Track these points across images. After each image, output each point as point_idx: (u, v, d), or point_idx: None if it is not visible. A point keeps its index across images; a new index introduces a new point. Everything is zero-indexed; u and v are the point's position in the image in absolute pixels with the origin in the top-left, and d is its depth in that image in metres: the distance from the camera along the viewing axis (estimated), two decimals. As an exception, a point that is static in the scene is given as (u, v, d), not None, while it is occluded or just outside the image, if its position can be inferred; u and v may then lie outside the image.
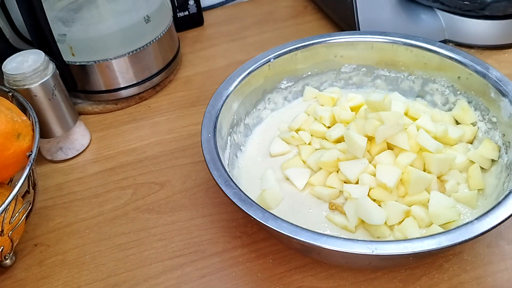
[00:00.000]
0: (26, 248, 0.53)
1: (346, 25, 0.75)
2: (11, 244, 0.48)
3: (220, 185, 0.44)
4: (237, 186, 0.44)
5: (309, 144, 0.56)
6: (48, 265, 0.51)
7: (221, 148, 0.50)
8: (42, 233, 0.54)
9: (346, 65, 0.62)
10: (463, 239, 0.38)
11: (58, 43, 0.61)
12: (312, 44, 0.60)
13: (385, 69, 0.61)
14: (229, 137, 0.55)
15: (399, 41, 0.58)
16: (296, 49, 0.59)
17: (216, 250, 0.50)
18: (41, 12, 0.57)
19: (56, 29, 0.61)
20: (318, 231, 0.40)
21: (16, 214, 0.47)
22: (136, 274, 0.49)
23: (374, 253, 0.38)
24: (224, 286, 0.47)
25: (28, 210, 0.51)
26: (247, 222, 0.52)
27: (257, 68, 0.57)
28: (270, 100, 0.61)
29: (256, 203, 0.42)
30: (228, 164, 0.52)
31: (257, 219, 0.41)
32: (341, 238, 0.39)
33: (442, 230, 0.43)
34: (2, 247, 0.47)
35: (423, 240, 0.38)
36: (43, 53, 0.56)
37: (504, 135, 0.51)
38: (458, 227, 0.39)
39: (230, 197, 0.43)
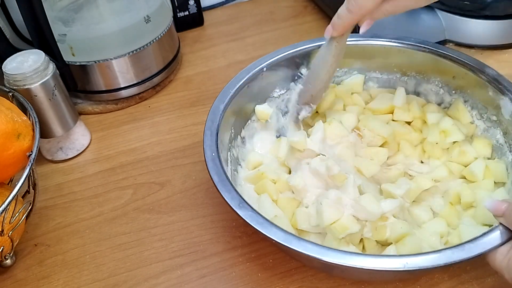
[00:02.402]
0: (26, 248, 0.53)
1: (346, 25, 0.75)
2: (11, 244, 0.48)
3: (234, 208, 0.42)
4: (251, 207, 0.43)
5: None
6: (48, 265, 0.51)
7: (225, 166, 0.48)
8: (42, 233, 0.54)
9: (338, 69, 0.61)
10: (492, 245, 0.38)
11: (58, 43, 0.61)
12: (304, 50, 0.58)
13: (377, 71, 0.60)
14: (228, 153, 0.53)
15: (391, 43, 0.57)
16: (289, 55, 0.58)
17: (216, 250, 0.50)
18: (41, 12, 0.57)
19: (56, 29, 0.61)
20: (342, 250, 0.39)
21: (16, 214, 0.47)
22: (136, 274, 0.49)
23: (405, 268, 0.37)
24: (224, 286, 0.47)
25: (28, 210, 0.51)
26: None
27: (251, 77, 0.56)
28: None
29: (275, 224, 0.41)
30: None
31: (280, 242, 0.39)
32: (368, 255, 0.38)
33: None
34: (2, 247, 0.47)
35: (453, 250, 0.37)
36: (43, 53, 0.56)
37: (505, 133, 0.51)
38: (485, 233, 0.38)
39: (247, 220, 0.41)
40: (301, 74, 0.59)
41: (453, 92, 0.56)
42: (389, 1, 0.44)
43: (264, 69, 0.57)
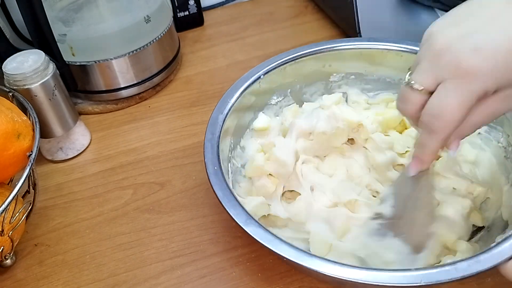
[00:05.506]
0: (26, 248, 0.53)
1: (346, 25, 0.75)
2: (11, 244, 0.48)
3: (241, 225, 0.41)
4: (258, 223, 0.41)
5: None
6: (48, 265, 0.51)
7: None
8: (42, 233, 0.54)
9: (335, 74, 0.60)
10: (508, 255, 0.37)
11: (58, 43, 0.61)
12: (300, 56, 0.58)
13: (374, 75, 0.59)
14: (229, 164, 0.52)
15: (388, 46, 0.57)
16: (284, 62, 0.57)
17: (216, 250, 0.50)
18: (41, 12, 0.57)
19: (56, 29, 0.61)
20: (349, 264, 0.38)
21: (16, 214, 0.47)
22: (136, 274, 0.49)
23: (422, 283, 0.36)
24: (224, 286, 0.47)
25: (28, 210, 0.51)
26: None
27: (248, 86, 0.55)
28: None
29: (284, 240, 0.40)
30: None
31: (291, 259, 0.38)
32: (382, 269, 0.37)
33: None
34: (2, 247, 0.47)
35: (468, 262, 0.37)
36: (43, 53, 0.56)
37: (508, 136, 0.50)
38: (499, 243, 0.38)
39: (255, 237, 0.40)
40: None
41: None
42: (475, 110, 0.36)
43: (261, 76, 0.56)
